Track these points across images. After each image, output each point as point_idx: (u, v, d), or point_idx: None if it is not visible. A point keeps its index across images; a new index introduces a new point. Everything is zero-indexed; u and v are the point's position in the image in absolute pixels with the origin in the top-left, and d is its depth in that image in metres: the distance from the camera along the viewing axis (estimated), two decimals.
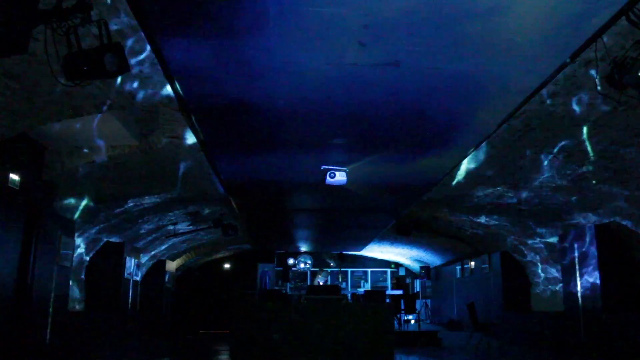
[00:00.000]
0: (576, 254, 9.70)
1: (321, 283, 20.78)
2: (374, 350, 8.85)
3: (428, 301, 20.26)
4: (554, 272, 11.58)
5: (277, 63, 4.60)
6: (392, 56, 4.43)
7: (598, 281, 8.99)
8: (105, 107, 5.57)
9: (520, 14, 3.80)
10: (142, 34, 4.17)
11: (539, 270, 12.17)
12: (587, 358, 9.10)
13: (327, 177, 7.77)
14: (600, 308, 8.93)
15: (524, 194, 9.17)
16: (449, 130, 6.45)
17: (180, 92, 5.23)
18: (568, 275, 10.09)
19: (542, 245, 11.40)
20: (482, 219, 11.60)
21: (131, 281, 12.64)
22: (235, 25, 4.00)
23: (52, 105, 5.35)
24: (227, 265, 20.91)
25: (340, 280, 21.41)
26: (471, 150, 7.22)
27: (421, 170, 8.28)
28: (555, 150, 7.05)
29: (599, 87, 5.01)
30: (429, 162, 7.81)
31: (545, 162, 7.54)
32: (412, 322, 16.45)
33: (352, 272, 22.28)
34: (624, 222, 8.47)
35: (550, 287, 11.97)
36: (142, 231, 12.08)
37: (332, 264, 21.62)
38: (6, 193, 6.43)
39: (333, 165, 7.77)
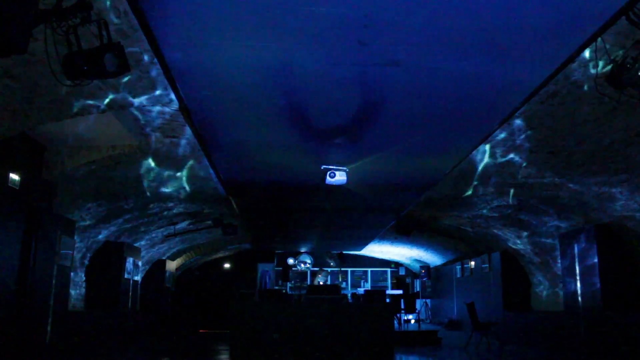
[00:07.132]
0: (576, 254, 9.70)
1: (321, 283, 20.75)
2: (374, 349, 8.85)
3: (428, 301, 20.27)
4: (554, 272, 11.57)
5: (277, 63, 4.60)
6: (392, 56, 4.43)
7: (598, 281, 8.98)
8: (105, 107, 5.57)
9: (520, 14, 3.80)
10: (142, 33, 4.16)
11: (539, 270, 12.16)
12: (587, 358, 9.09)
13: (327, 177, 7.76)
14: (600, 308, 8.92)
15: (524, 194, 9.17)
16: (449, 130, 6.45)
17: (181, 92, 5.23)
18: (568, 275, 10.08)
19: (542, 245, 11.40)
20: (482, 219, 11.59)
21: (131, 281, 12.63)
22: (235, 25, 4.00)
23: (52, 105, 5.35)
24: (227, 265, 20.90)
25: (340, 280, 21.39)
26: (471, 150, 7.22)
27: (421, 170, 8.28)
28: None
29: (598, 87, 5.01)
30: (429, 162, 7.81)
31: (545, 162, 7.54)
32: (412, 321, 16.45)
33: (352, 271, 22.28)
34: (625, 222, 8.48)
35: (550, 286, 11.96)
36: (142, 231, 12.08)
37: (332, 264, 21.60)
38: (6, 193, 6.43)
39: (333, 165, 7.77)
